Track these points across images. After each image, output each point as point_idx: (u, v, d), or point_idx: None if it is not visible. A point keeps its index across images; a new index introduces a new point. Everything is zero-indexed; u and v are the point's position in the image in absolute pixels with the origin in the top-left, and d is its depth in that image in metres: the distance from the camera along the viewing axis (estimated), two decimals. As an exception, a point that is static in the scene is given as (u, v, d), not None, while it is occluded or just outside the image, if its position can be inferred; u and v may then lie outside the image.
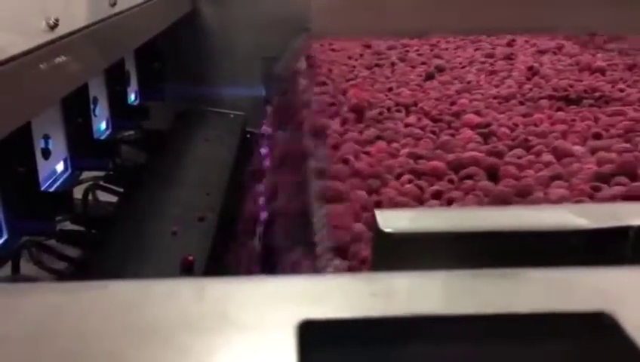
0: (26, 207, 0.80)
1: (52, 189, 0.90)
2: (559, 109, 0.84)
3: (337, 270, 0.50)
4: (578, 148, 0.69)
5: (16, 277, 0.86)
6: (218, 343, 0.20)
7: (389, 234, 0.34)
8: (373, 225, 0.34)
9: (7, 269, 0.86)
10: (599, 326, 0.22)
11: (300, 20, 1.38)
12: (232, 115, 1.54)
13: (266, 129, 1.22)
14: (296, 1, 1.41)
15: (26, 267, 0.92)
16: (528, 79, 0.97)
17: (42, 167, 0.86)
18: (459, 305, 0.23)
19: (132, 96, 1.30)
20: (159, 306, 0.21)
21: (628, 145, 0.68)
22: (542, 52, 1.15)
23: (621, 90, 0.90)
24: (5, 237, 0.78)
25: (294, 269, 0.55)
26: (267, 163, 1.03)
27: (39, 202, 0.82)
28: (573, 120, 0.79)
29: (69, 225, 1.01)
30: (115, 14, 0.91)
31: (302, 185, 0.67)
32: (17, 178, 0.80)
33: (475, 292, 0.24)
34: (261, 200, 0.93)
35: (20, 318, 0.21)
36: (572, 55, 1.12)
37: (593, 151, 0.68)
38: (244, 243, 0.86)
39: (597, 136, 0.73)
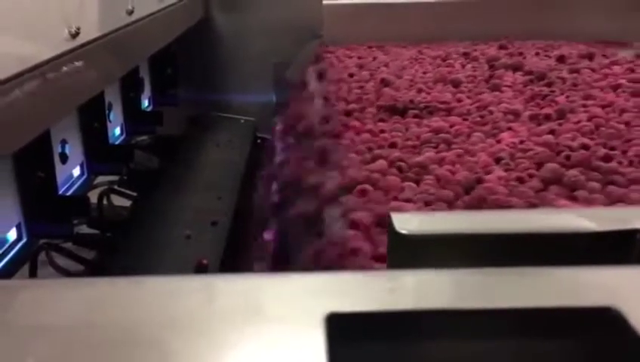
0: (44, 211, 0.82)
1: (69, 193, 0.92)
2: (382, 120, 0.84)
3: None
4: (352, 156, 0.69)
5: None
6: (251, 334, 0.21)
7: (404, 236, 0.35)
8: (389, 226, 0.35)
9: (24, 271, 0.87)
10: (607, 321, 0.24)
11: (311, 27, 1.40)
12: (242, 121, 1.56)
13: (276, 134, 1.24)
14: (308, 8, 1.43)
15: (43, 269, 0.94)
16: (377, 90, 0.96)
17: (60, 171, 0.88)
18: (473, 300, 0.24)
19: (146, 102, 1.32)
20: (193, 299, 0.23)
21: (399, 155, 0.69)
22: (420, 62, 1.15)
23: (459, 101, 0.89)
24: (25, 240, 0.80)
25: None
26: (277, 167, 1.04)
27: (57, 206, 0.84)
28: (383, 130, 0.79)
29: (84, 229, 1.03)
30: (133, 22, 0.93)
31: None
32: (36, 182, 0.82)
33: (487, 288, 0.25)
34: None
35: (64, 310, 0.23)
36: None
37: (374, 160, 0.68)
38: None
39: (392, 146, 0.73)
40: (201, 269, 0.93)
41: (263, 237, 0.64)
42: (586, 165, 0.62)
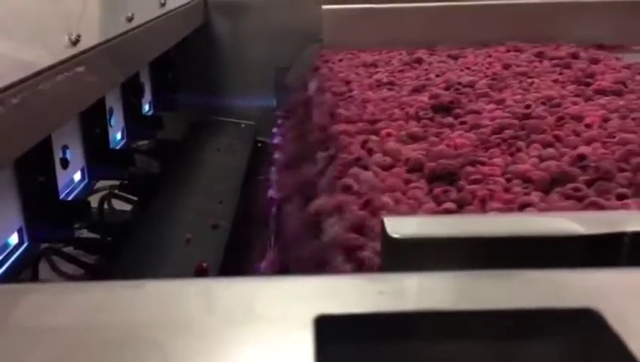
0: (45, 216, 0.83)
1: (70, 198, 0.93)
2: None
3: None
4: None
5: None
6: (244, 334, 0.22)
7: (396, 240, 0.36)
8: (381, 230, 0.36)
9: (26, 275, 0.88)
10: (586, 322, 0.24)
11: (311, 31, 1.41)
12: (243, 125, 1.57)
13: (277, 138, 1.25)
14: (308, 13, 1.44)
15: (44, 273, 0.95)
16: None
17: (61, 176, 0.89)
18: (459, 303, 0.25)
19: (146, 107, 1.33)
20: (192, 301, 0.24)
21: None
22: None
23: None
24: (26, 244, 0.81)
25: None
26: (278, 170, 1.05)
27: (59, 210, 0.85)
28: None
29: (85, 233, 1.04)
30: (132, 29, 0.94)
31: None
32: (38, 187, 0.82)
33: (474, 290, 0.26)
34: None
35: (66, 313, 0.24)
36: None
37: None
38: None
39: None
40: (200, 273, 0.93)
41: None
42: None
